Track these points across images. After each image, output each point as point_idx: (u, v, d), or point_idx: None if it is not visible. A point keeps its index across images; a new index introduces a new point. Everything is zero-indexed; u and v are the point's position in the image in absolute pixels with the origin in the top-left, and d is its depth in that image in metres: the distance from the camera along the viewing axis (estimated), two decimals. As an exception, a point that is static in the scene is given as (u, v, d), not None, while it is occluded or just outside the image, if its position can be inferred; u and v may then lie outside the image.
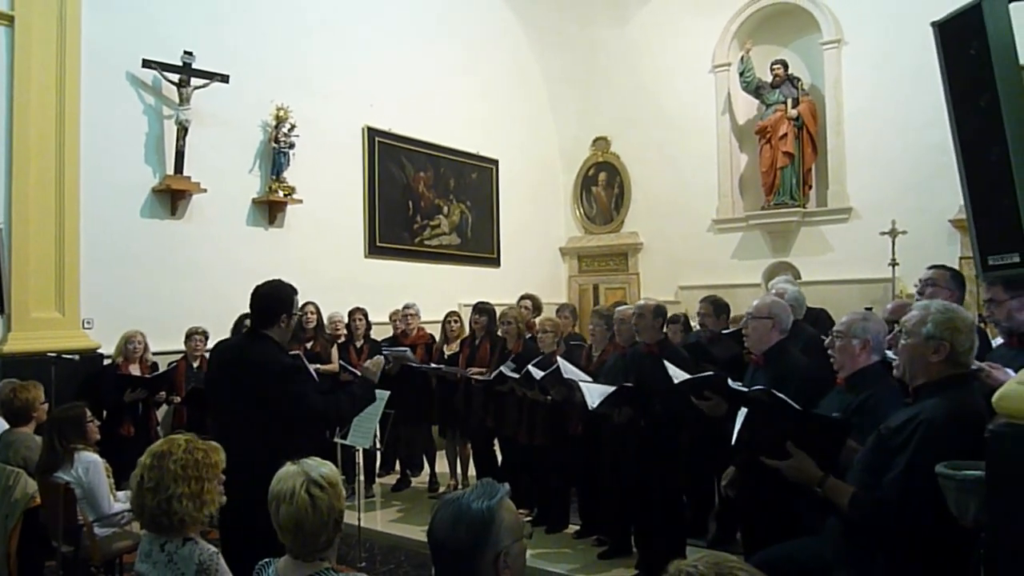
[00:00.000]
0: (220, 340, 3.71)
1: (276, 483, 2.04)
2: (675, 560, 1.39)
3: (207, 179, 6.63)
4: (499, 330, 5.99)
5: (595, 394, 4.33)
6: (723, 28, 9.45)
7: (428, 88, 8.91)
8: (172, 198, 6.57)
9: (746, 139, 9.54)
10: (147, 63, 6.33)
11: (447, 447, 6.64)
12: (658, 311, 4.50)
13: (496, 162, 9.91)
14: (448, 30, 9.22)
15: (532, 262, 10.34)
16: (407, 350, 6.34)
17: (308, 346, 6.39)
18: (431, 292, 8.36)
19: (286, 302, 3.34)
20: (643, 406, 4.32)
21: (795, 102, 8.82)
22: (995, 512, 1.99)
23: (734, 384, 3.26)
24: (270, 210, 7.35)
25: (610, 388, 4.33)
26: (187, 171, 6.52)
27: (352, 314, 6.79)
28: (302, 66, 7.54)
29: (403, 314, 6.91)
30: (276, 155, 7.23)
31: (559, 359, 4.95)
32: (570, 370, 4.80)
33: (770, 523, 3.25)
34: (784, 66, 8.91)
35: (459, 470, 6.54)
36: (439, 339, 6.71)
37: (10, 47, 5.70)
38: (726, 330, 5.22)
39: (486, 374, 5.77)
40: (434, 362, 6.37)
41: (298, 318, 3.43)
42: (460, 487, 6.31)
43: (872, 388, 2.82)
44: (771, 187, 8.96)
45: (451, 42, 9.25)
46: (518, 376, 5.26)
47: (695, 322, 5.94)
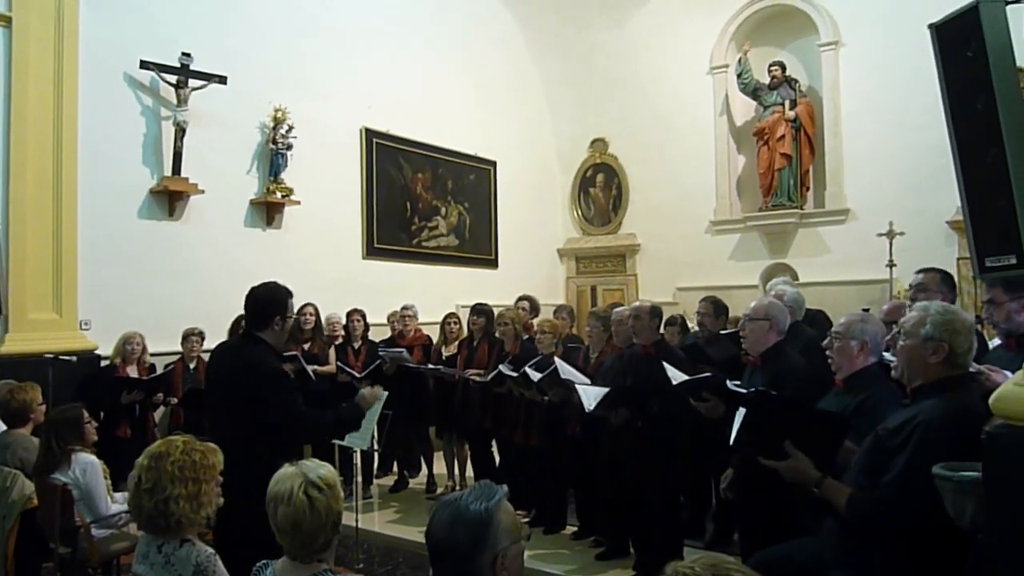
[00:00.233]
0: (220, 342, 3.70)
1: (274, 484, 2.04)
2: (672, 561, 1.39)
3: (205, 180, 6.63)
4: (496, 331, 5.99)
5: (591, 396, 4.33)
6: (721, 30, 9.46)
7: (426, 89, 8.91)
8: (170, 199, 6.57)
9: (744, 141, 9.55)
10: (145, 64, 6.33)
11: (445, 448, 6.63)
12: (654, 312, 4.51)
13: (494, 163, 9.91)
14: (446, 31, 9.22)
15: (530, 263, 10.33)
16: (404, 351, 6.34)
17: (306, 347, 6.40)
18: (429, 293, 8.37)
19: (280, 304, 3.33)
20: (640, 407, 4.33)
21: (793, 104, 8.83)
22: (992, 513, 2.00)
23: (732, 385, 3.27)
24: (268, 211, 7.34)
25: (606, 389, 4.33)
26: (185, 172, 6.51)
27: (350, 315, 6.79)
28: (300, 67, 7.54)
29: (401, 315, 6.91)
30: (274, 156, 7.23)
31: (557, 360, 4.96)
32: (568, 371, 4.80)
33: (768, 524, 3.25)
34: (782, 68, 8.92)
35: (457, 471, 6.54)
36: (438, 340, 6.72)
37: (8, 48, 5.69)
38: (724, 331, 5.22)
39: (484, 375, 5.77)
40: (432, 363, 6.37)
41: (294, 320, 3.41)
42: (458, 488, 6.31)
43: (870, 389, 2.82)
44: (769, 188, 8.97)
45: (449, 43, 9.25)
46: (516, 375, 5.26)
47: (693, 323, 5.94)
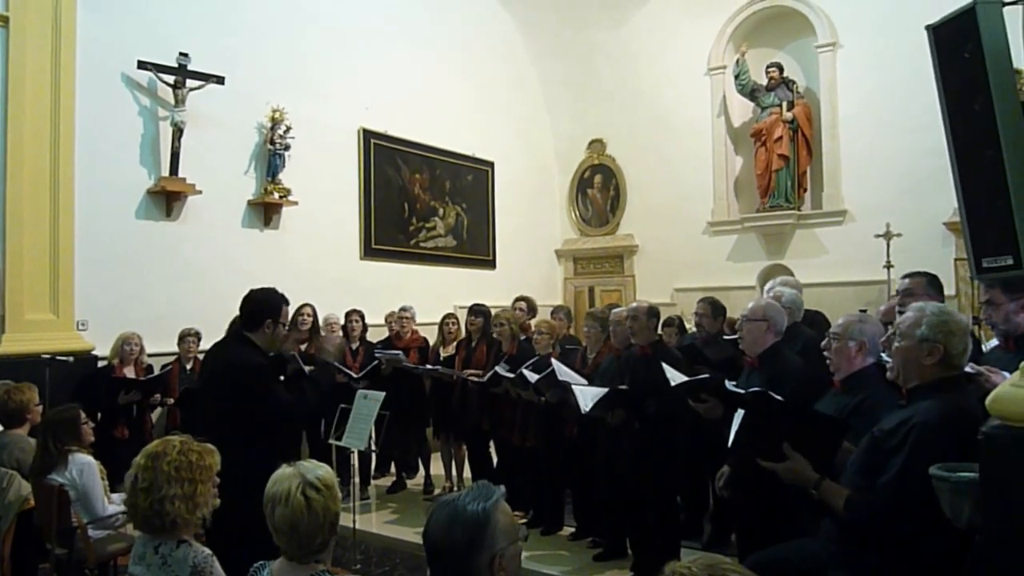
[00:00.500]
0: (213, 343, 3.71)
1: (272, 485, 2.03)
2: (670, 562, 1.39)
3: (202, 181, 6.61)
4: (494, 332, 5.99)
5: (588, 397, 4.32)
6: (718, 31, 9.47)
7: (424, 90, 8.91)
8: (167, 199, 6.56)
9: (741, 142, 9.56)
10: (142, 64, 6.32)
11: (442, 449, 6.63)
12: (651, 312, 4.51)
13: (492, 164, 9.91)
14: (444, 32, 9.22)
15: (528, 264, 10.33)
16: (400, 353, 6.33)
17: (303, 347, 6.39)
18: (427, 294, 8.37)
19: (274, 308, 3.35)
20: (636, 408, 4.33)
21: (790, 105, 8.85)
22: (989, 514, 2.00)
23: (730, 386, 3.27)
24: (265, 212, 7.33)
25: (603, 390, 4.33)
26: (182, 172, 6.50)
27: (349, 315, 6.78)
28: (298, 68, 7.53)
29: (398, 317, 6.90)
30: (272, 157, 7.22)
31: (554, 361, 4.96)
32: (565, 372, 4.80)
33: (765, 525, 3.25)
34: (779, 69, 8.93)
35: (454, 472, 6.53)
36: (436, 341, 6.71)
37: (5, 48, 5.67)
38: (725, 335, 5.21)
39: (482, 376, 5.77)
40: (430, 364, 6.37)
41: (285, 323, 3.44)
42: (455, 489, 6.30)
43: (868, 390, 2.83)
44: (766, 190, 8.98)
45: (447, 44, 9.25)
46: (512, 376, 5.26)
47: (690, 324, 5.94)
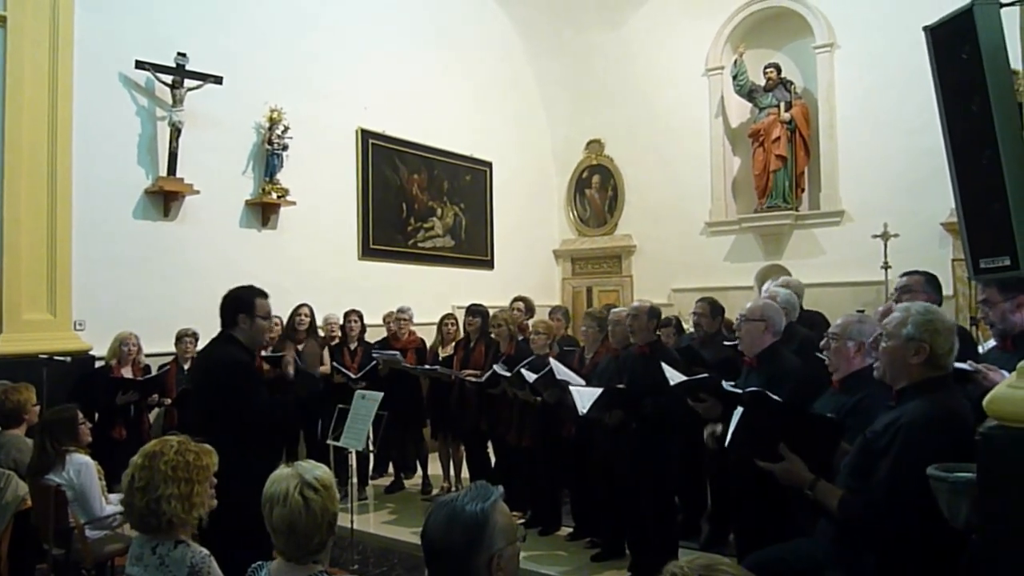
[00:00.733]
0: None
1: (270, 485, 2.03)
2: (669, 562, 1.39)
3: (200, 180, 6.61)
4: (491, 332, 5.99)
5: (585, 398, 4.32)
6: (716, 32, 9.48)
7: (422, 90, 8.90)
8: (165, 199, 6.55)
9: (739, 142, 9.57)
10: (140, 64, 6.31)
11: (440, 449, 6.63)
12: (652, 313, 4.51)
13: (490, 164, 9.90)
14: (442, 32, 9.22)
15: (525, 264, 10.33)
16: (397, 354, 6.33)
17: (300, 348, 6.37)
18: (425, 294, 8.36)
19: (244, 302, 3.37)
20: (634, 408, 4.33)
21: (788, 105, 8.85)
22: (987, 514, 2.00)
23: (728, 386, 3.27)
24: (263, 212, 7.32)
25: (599, 390, 4.32)
26: (180, 172, 6.49)
27: (348, 316, 6.78)
28: (296, 68, 7.52)
29: (396, 317, 6.89)
30: (269, 157, 7.21)
31: (552, 360, 4.96)
32: (563, 372, 4.80)
33: (763, 525, 3.26)
34: (777, 70, 8.94)
35: (452, 472, 6.53)
36: (434, 341, 6.71)
37: (2, 48, 5.66)
38: (723, 335, 5.21)
39: (480, 376, 5.77)
40: (429, 364, 6.36)
41: (264, 315, 3.44)
42: (453, 489, 6.31)
43: (866, 390, 2.83)
44: (764, 190, 8.99)
45: (445, 44, 9.24)
46: (509, 376, 5.26)
47: (688, 324, 5.94)
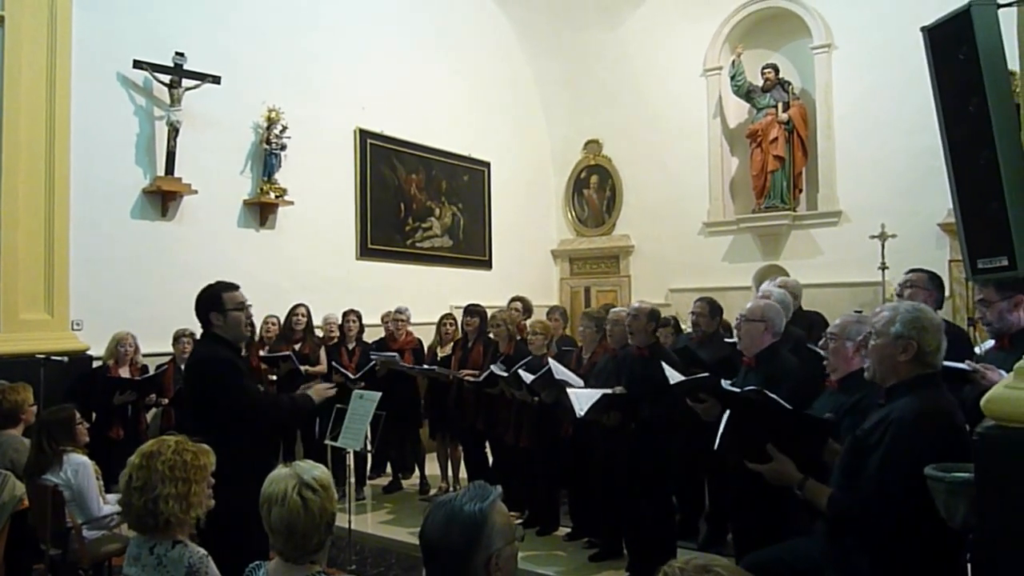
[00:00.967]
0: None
1: (268, 485, 2.03)
2: (668, 562, 1.39)
3: (198, 180, 6.60)
4: (490, 332, 5.99)
5: (583, 400, 4.31)
6: (714, 32, 9.48)
7: (420, 90, 8.90)
8: (163, 199, 6.54)
9: (737, 143, 9.57)
10: (138, 64, 6.30)
11: (438, 449, 6.62)
12: (652, 315, 4.50)
13: (488, 164, 9.90)
14: (440, 32, 9.21)
15: (524, 264, 10.32)
16: (395, 356, 6.33)
17: (297, 347, 6.38)
18: (423, 294, 8.37)
19: (212, 299, 3.37)
20: (632, 410, 4.32)
21: (786, 106, 8.85)
22: (984, 514, 2.00)
23: (727, 385, 3.27)
24: (261, 212, 7.32)
25: (597, 393, 4.31)
26: (178, 172, 6.49)
27: (346, 316, 6.77)
28: (294, 67, 7.52)
29: (393, 318, 6.89)
30: (267, 156, 7.21)
31: (551, 361, 4.95)
32: (561, 371, 4.80)
33: (761, 525, 3.26)
34: (775, 70, 8.94)
35: (450, 472, 6.53)
36: (433, 341, 6.70)
37: (0, 47, 5.64)
38: (722, 336, 5.20)
39: (477, 376, 5.76)
40: (427, 364, 6.36)
41: (237, 306, 3.43)
42: (451, 489, 6.30)
43: (865, 389, 2.83)
44: (762, 190, 8.99)
45: (443, 44, 9.24)
46: (507, 375, 5.26)
47: (685, 324, 5.94)
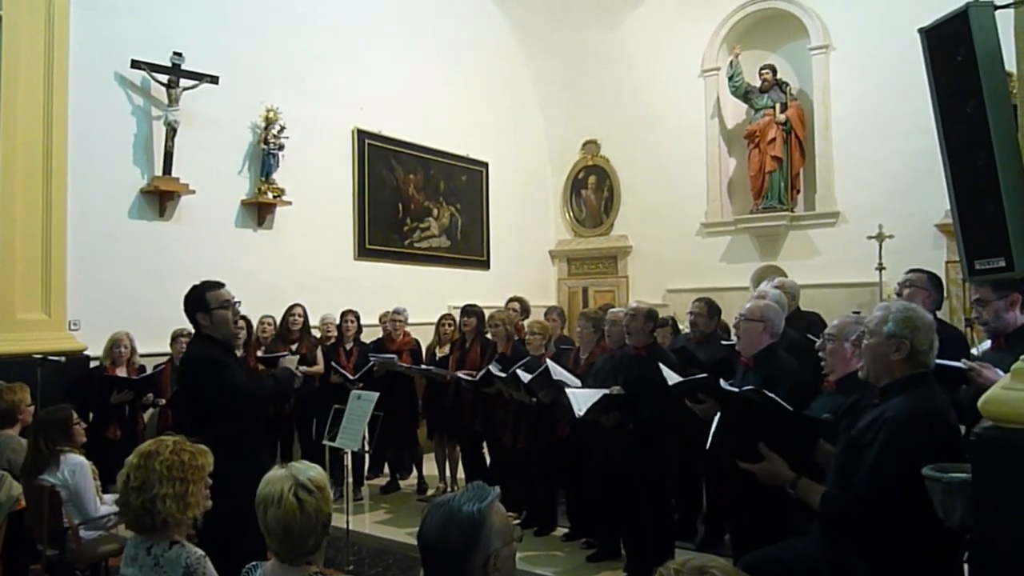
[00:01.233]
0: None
1: (264, 486, 2.03)
2: (665, 563, 1.39)
3: (196, 180, 6.59)
4: (488, 333, 5.99)
5: (582, 401, 4.31)
6: (712, 33, 9.48)
7: (418, 90, 8.90)
8: (160, 199, 6.53)
9: (735, 143, 9.57)
10: (136, 64, 6.29)
11: (436, 450, 6.62)
12: (650, 315, 4.49)
13: (486, 165, 9.90)
14: (438, 33, 9.21)
15: (522, 265, 10.33)
16: (394, 357, 6.33)
17: (293, 348, 6.36)
18: (421, 294, 8.36)
19: (197, 300, 3.45)
20: (630, 410, 4.32)
21: (783, 107, 8.86)
22: (981, 514, 2.01)
23: (726, 385, 3.27)
24: (259, 212, 7.31)
25: (596, 395, 4.31)
26: (176, 172, 6.48)
27: (344, 316, 6.77)
28: (292, 68, 7.52)
29: (391, 318, 6.89)
30: (265, 157, 7.20)
31: (548, 361, 4.95)
32: (559, 372, 4.80)
33: (758, 525, 3.26)
34: (773, 71, 8.94)
35: (448, 472, 6.53)
36: (431, 341, 6.71)
37: (-2, 46, 5.65)
38: (720, 336, 5.21)
39: (475, 376, 5.76)
40: (425, 364, 6.35)
41: (223, 304, 3.47)
42: (449, 490, 6.30)
43: (863, 390, 2.83)
44: (759, 191, 8.99)
45: (441, 45, 9.24)
46: (504, 376, 5.26)
47: (683, 325, 5.94)
